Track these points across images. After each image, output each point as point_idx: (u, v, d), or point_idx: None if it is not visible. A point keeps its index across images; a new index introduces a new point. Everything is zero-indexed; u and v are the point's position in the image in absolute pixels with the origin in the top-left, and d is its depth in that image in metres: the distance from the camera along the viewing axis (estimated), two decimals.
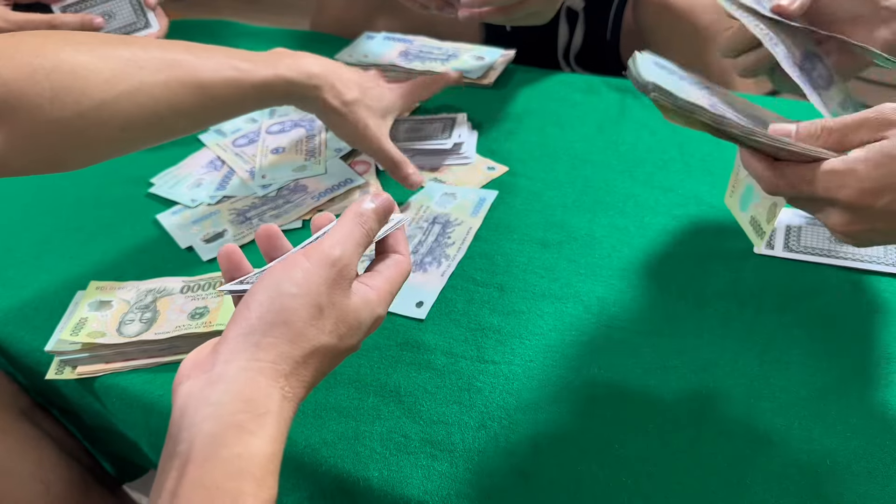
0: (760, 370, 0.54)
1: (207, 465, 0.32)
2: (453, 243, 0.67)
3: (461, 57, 0.93)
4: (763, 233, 0.50)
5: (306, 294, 0.36)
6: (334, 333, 0.38)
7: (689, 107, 0.42)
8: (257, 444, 0.33)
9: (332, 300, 0.37)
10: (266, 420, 0.34)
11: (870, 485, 0.46)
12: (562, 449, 0.50)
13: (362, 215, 0.41)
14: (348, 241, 0.39)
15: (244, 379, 0.34)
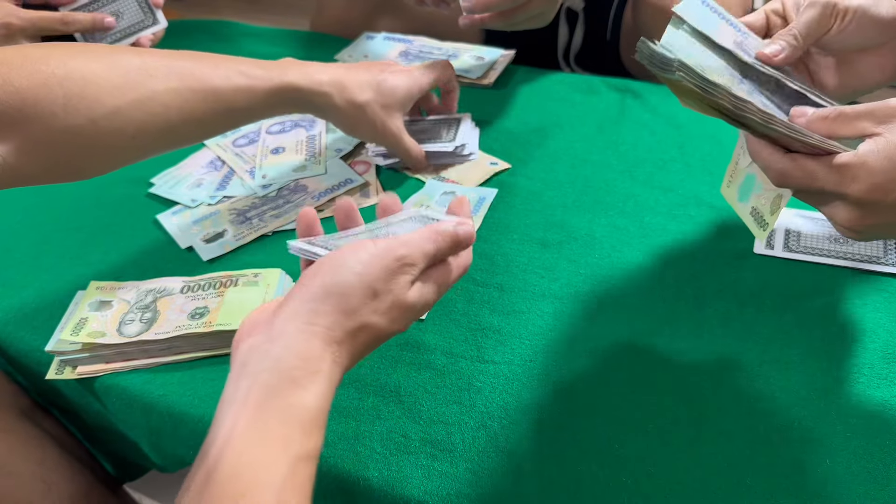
0: (760, 370, 0.54)
1: (263, 410, 0.35)
2: None
3: (461, 57, 0.93)
4: (766, 224, 0.50)
5: (366, 275, 0.40)
6: (386, 316, 0.41)
7: (711, 88, 0.41)
8: (308, 397, 0.36)
9: (389, 287, 0.41)
10: (317, 378, 0.37)
11: (870, 485, 0.46)
12: (562, 449, 0.50)
13: (441, 234, 0.44)
14: (417, 249, 0.43)
15: (301, 339, 0.38)
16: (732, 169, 0.55)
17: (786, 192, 0.47)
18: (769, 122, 0.42)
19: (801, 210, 0.66)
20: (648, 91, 0.85)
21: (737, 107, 0.42)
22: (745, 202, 0.53)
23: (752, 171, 0.52)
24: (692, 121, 0.79)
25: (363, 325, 0.40)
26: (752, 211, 0.52)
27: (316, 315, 0.39)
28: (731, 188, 0.55)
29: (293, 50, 1.01)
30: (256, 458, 0.34)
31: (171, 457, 0.61)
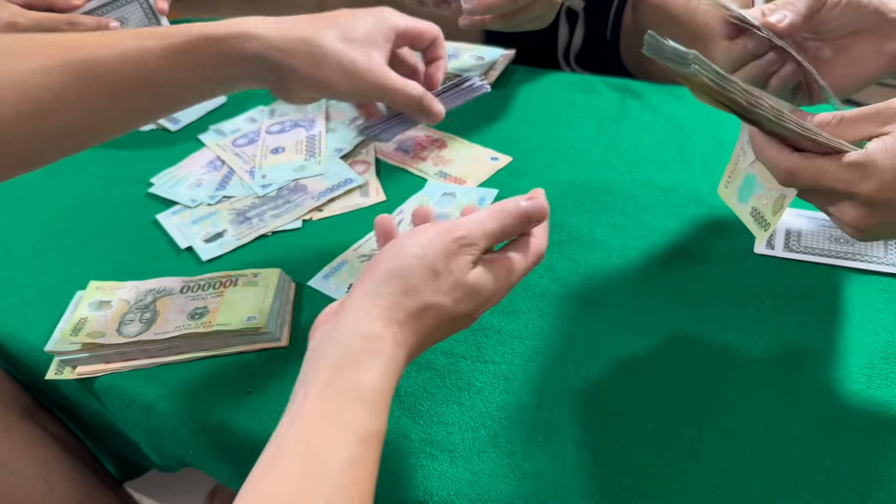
0: (760, 370, 0.54)
1: (328, 389, 0.37)
2: None
3: (461, 57, 0.93)
4: (768, 224, 0.50)
5: (425, 257, 0.41)
6: (449, 296, 0.41)
7: (726, 82, 0.41)
8: (371, 377, 0.37)
9: (450, 268, 0.41)
10: (379, 358, 0.38)
11: (870, 485, 0.46)
12: (561, 449, 0.50)
13: (503, 211, 0.44)
14: (478, 227, 0.43)
15: (364, 321, 0.39)
16: (731, 169, 0.55)
17: (789, 193, 0.47)
18: (780, 118, 0.42)
19: (801, 210, 0.66)
20: (648, 91, 0.85)
21: (749, 102, 0.42)
22: (744, 202, 0.53)
23: (753, 171, 0.52)
24: (692, 121, 0.79)
25: (426, 305, 0.40)
26: (753, 211, 0.52)
27: (378, 297, 0.40)
28: (730, 189, 0.55)
29: None
30: (323, 439, 0.35)
31: (171, 457, 0.61)
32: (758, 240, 0.53)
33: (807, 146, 0.44)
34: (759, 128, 0.45)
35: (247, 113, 0.88)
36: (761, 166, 0.49)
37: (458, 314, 0.42)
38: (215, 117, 0.88)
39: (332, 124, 0.84)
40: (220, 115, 0.89)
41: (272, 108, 0.88)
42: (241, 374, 0.57)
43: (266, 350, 0.59)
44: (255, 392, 0.56)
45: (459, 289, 0.41)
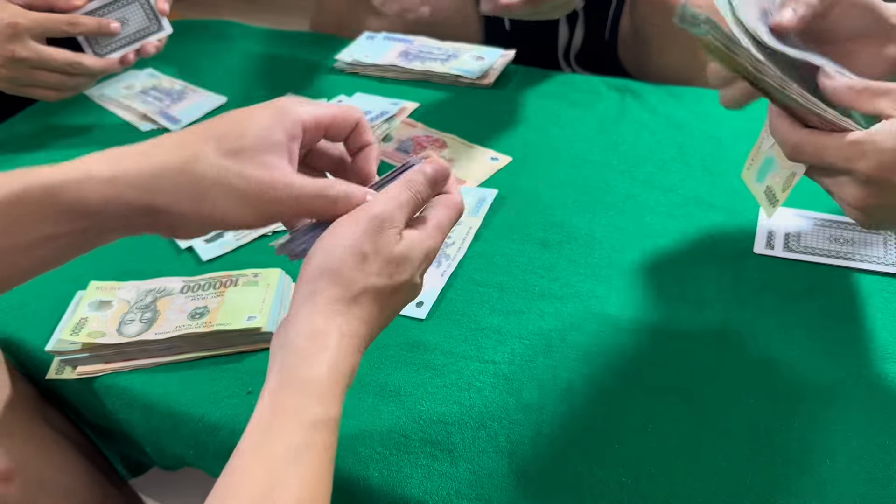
0: (760, 370, 0.54)
1: (278, 391, 0.38)
2: (453, 243, 0.67)
3: (461, 57, 0.93)
4: (777, 201, 0.51)
5: (350, 245, 0.41)
6: (383, 274, 0.41)
7: (734, 48, 0.42)
8: (318, 368, 0.39)
9: (376, 247, 0.41)
10: (326, 352, 0.39)
11: (869, 485, 0.46)
12: (562, 449, 0.50)
13: (411, 181, 0.44)
14: (391, 200, 0.43)
15: (306, 322, 0.40)
16: (755, 153, 0.56)
17: (799, 170, 0.48)
18: (785, 87, 0.43)
19: (801, 210, 0.66)
20: (648, 91, 0.85)
21: (756, 69, 0.43)
22: (761, 182, 0.54)
23: (772, 153, 0.53)
24: (692, 121, 0.80)
25: (362, 290, 0.41)
26: (767, 190, 0.53)
27: (314, 295, 0.40)
28: (751, 171, 0.56)
29: (293, 50, 1.01)
30: (272, 432, 0.37)
31: (171, 457, 0.61)
32: (767, 215, 0.53)
33: (814, 122, 0.45)
34: (770, 98, 0.46)
35: None
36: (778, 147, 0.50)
37: (398, 287, 0.42)
38: None
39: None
40: None
41: None
42: (242, 373, 0.57)
43: (266, 350, 0.59)
44: (256, 392, 0.56)
45: (391, 263, 0.42)
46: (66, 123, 0.90)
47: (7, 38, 0.72)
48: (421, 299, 0.62)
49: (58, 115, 0.91)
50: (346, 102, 0.88)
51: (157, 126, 0.88)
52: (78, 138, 0.87)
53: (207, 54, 1.02)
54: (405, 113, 0.86)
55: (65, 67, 0.76)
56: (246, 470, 0.37)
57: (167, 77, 0.97)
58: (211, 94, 0.93)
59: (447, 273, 0.64)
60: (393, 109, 0.86)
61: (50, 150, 0.85)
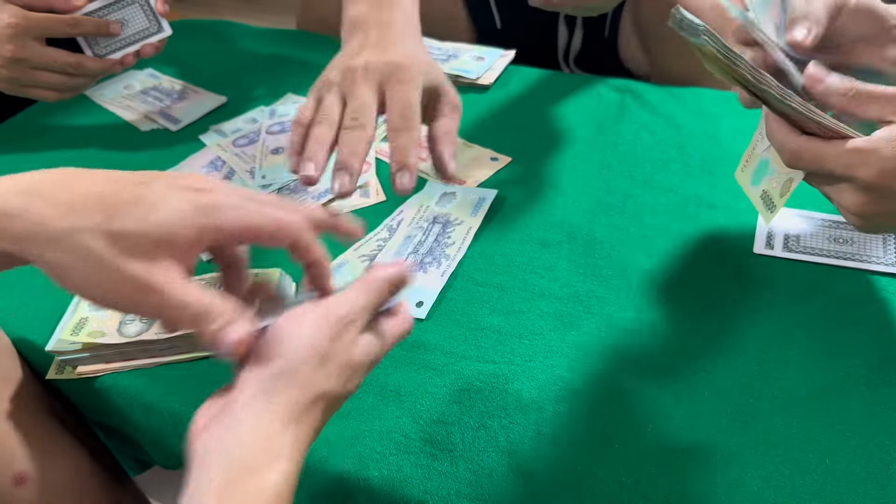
0: (760, 370, 0.54)
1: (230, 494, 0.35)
2: (453, 243, 0.67)
3: (461, 57, 0.93)
4: (774, 207, 0.51)
5: (311, 345, 0.39)
6: (340, 379, 0.40)
7: (734, 56, 0.42)
8: (273, 478, 0.36)
9: (335, 349, 0.40)
10: (281, 461, 0.37)
11: (869, 485, 0.46)
12: (562, 449, 0.50)
13: (372, 282, 0.43)
14: (353, 302, 0.41)
15: (260, 424, 0.37)
16: (749, 154, 0.56)
17: (797, 176, 0.48)
18: (786, 97, 0.43)
19: (801, 210, 0.66)
20: (648, 91, 0.85)
21: (756, 77, 0.43)
22: (756, 185, 0.54)
23: (768, 155, 0.53)
24: (692, 121, 0.80)
25: (320, 394, 0.39)
26: (763, 194, 0.53)
27: (273, 395, 0.38)
28: (745, 172, 0.56)
29: (291, 50, 1.02)
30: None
31: (172, 456, 0.61)
32: (764, 221, 0.53)
33: (813, 129, 0.45)
34: (768, 106, 0.46)
35: (247, 113, 0.88)
36: (774, 150, 0.50)
37: (346, 393, 0.41)
38: (216, 117, 0.88)
39: None
40: (221, 116, 0.89)
41: (272, 109, 0.88)
42: None
43: None
44: None
45: (347, 368, 0.40)
46: (66, 123, 0.90)
47: (7, 38, 0.72)
48: (421, 299, 0.62)
49: (58, 115, 0.91)
50: None
51: (157, 126, 0.88)
52: (78, 138, 0.87)
53: (207, 54, 1.02)
54: None
55: (65, 68, 0.76)
56: None
57: (167, 77, 0.97)
58: (211, 94, 0.93)
59: (447, 273, 0.64)
60: None
61: (50, 151, 0.85)
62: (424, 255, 0.66)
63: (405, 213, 0.71)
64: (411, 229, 0.69)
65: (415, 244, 0.67)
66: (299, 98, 0.90)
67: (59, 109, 0.92)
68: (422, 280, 0.63)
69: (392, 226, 0.69)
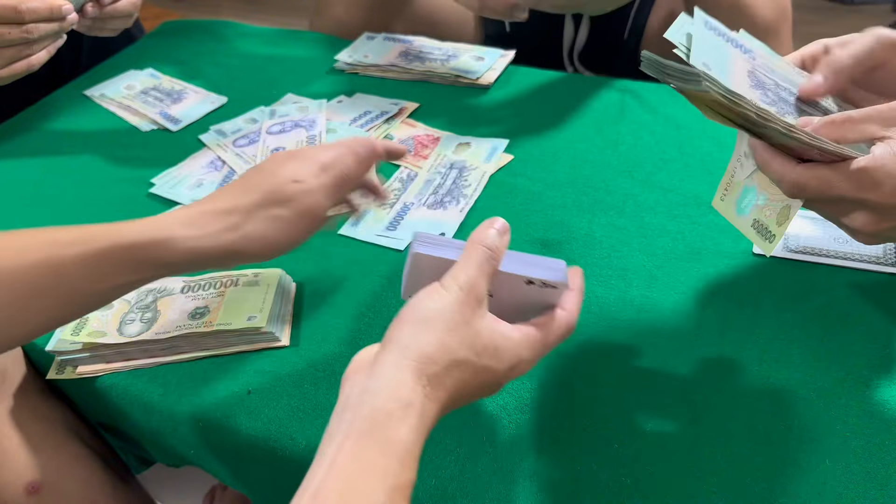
0: (760, 370, 0.54)
1: (362, 441, 0.38)
2: (469, 185, 0.74)
3: (461, 57, 0.93)
4: (773, 236, 0.49)
5: (441, 311, 0.42)
6: (471, 349, 0.42)
7: (738, 97, 0.41)
8: (403, 430, 0.38)
9: (465, 318, 0.42)
10: (410, 412, 0.39)
11: (868, 485, 0.46)
12: (562, 448, 0.50)
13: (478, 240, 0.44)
14: (470, 264, 0.43)
15: (395, 374, 0.40)
16: (727, 182, 0.54)
17: (795, 203, 0.47)
18: (791, 130, 0.42)
19: (800, 210, 0.65)
20: (648, 91, 0.85)
21: (760, 115, 0.42)
22: (744, 215, 0.52)
23: (752, 183, 0.51)
24: (692, 121, 0.80)
25: (452, 360, 0.41)
26: (755, 224, 0.51)
27: (407, 349, 0.40)
28: (727, 202, 0.54)
29: (293, 50, 1.02)
30: (357, 486, 0.36)
31: (172, 456, 0.62)
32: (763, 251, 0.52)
33: (814, 156, 0.44)
34: (768, 141, 0.45)
35: (247, 113, 0.88)
36: (761, 177, 0.49)
37: (482, 368, 0.42)
38: (216, 118, 0.88)
39: (332, 125, 0.84)
40: (221, 116, 0.89)
41: (273, 109, 0.88)
42: (242, 373, 0.57)
43: (266, 350, 0.59)
44: (256, 392, 0.56)
45: (478, 340, 0.42)
46: (66, 123, 0.90)
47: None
48: (443, 231, 0.67)
49: (58, 115, 0.91)
50: (346, 102, 0.88)
51: (157, 126, 0.88)
52: (78, 138, 0.87)
53: (208, 55, 1.02)
54: (405, 113, 0.86)
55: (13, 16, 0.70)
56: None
57: (168, 77, 0.97)
58: (211, 95, 0.93)
59: (465, 209, 0.71)
60: (393, 109, 0.86)
61: (50, 151, 0.85)
62: (444, 195, 0.73)
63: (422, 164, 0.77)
64: (430, 174, 0.76)
65: (434, 187, 0.74)
66: (299, 98, 0.90)
67: (59, 109, 0.92)
68: (443, 215, 0.70)
69: (402, 178, 0.76)
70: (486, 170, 0.75)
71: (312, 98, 0.90)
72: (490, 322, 0.43)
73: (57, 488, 0.60)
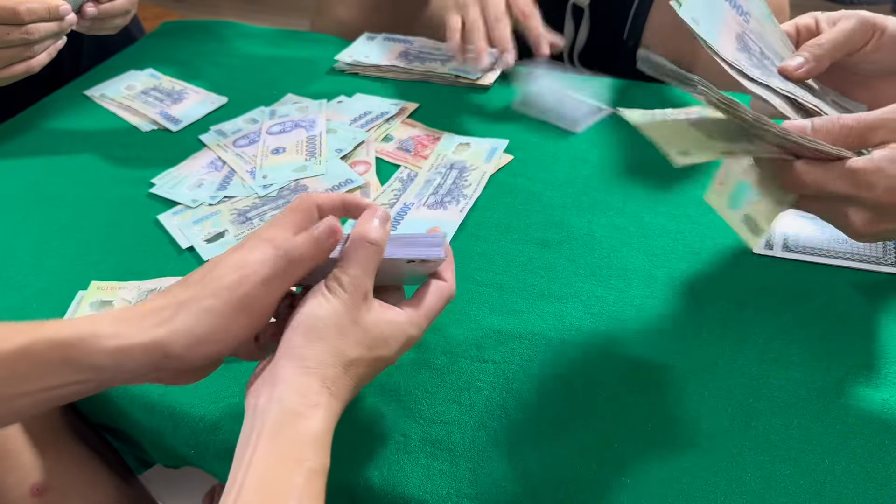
0: (760, 370, 0.54)
1: (274, 438, 0.40)
2: (469, 185, 0.73)
3: None
4: (761, 231, 0.50)
5: (328, 317, 0.44)
6: (362, 346, 0.44)
7: (733, 104, 0.42)
8: (312, 424, 0.41)
9: (353, 319, 0.44)
10: (318, 410, 0.41)
11: (868, 484, 0.46)
12: (562, 448, 0.50)
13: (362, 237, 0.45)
14: (355, 264, 0.45)
15: (297, 380, 0.42)
16: (722, 176, 0.55)
17: (786, 200, 0.47)
18: (786, 135, 0.43)
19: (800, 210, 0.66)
20: (648, 91, 0.85)
21: (756, 119, 0.43)
22: (736, 209, 0.53)
23: (746, 178, 0.52)
24: None
25: (349, 360, 0.44)
26: (746, 218, 0.52)
27: (304, 359, 0.43)
28: (721, 196, 0.54)
29: (293, 50, 1.02)
30: (275, 474, 0.39)
31: (172, 456, 0.61)
32: (751, 246, 0.53)
33: (807, 154, 0.44)
34: (762, 140, 0.45)
35: (248, 113, 0.88)
36: (755, 172, 0.49)
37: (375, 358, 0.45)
38: (216, 118, 0.88)
39: (332, 125, 0.84)
40: (221, 116, 0.89)
41: (273, 109, 0.88)
42: (242, 373, 0.57)
43: None
44: None
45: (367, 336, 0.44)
46: (66, 124, 0.90)
47: None
48: (444, 231, 0.67)
49: (58, 115, 0.91)
50: (346, 102, 0.89)
51: (157, 126, 0.88)
52: (78, 138, 0.87)
53: (208, 55, 1.02)
54: (405, 113, 0.86)
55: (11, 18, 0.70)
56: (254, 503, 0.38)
57: (168, 77, 0.97)
58: (211, 95, 0.93)
59: (465, 209, 0.70)
60: (393, 109, 0.86)
61: (50, 151, 0.85)
62: (444, 196, 0.73)
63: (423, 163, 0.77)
64: (430, 174, 0.75)
65: (434, 187, 0.74)
66: (300, 98, 0.90)
67: (60, 110, 0.92)
68: (443, 215, 0.69)
69: (402, 178, 0.76)
70: (486, 170, 0.75)
71: (312, 98, 0.90)
72: (376, 314, 0.45)
73: (62, 490, 0.60)
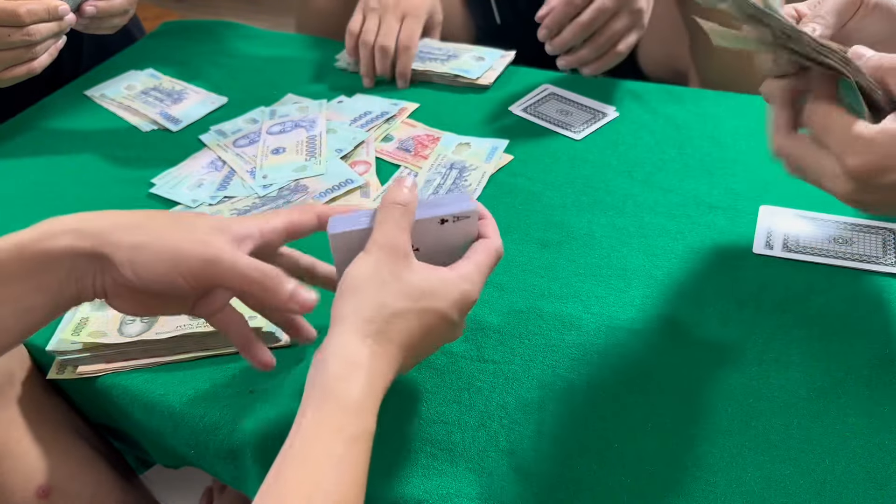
0: (760, 370, 0.54)
1: (321, 406, 0.42)
2: (469, 185, 0.74)
3: (461, 57, 0.93)
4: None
5: (365, 272, 0.45)
6: (408, 298, 0.45)
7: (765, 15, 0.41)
8: (353, 390, 0.42)
9: (393, 274, 0.45)
10: (358, 370, 0.43)
11: (868, 484, 0.46)
12: (562, 448, 0.50)
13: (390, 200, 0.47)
14: (386, 224, 0.46)
15: (339, 340, 0.43)
16: None
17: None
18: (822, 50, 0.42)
19: (800, 210, 0.66)
20: (648, 91, 0.85)
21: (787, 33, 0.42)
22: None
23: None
24: (692, 121, 0.80)
25: (392, 313, 0.44)
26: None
27: (347, 318, 0.44)
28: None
29: (293, 50, 1.02)
30: (316, 444, 0.41)
31: (172, 456, 0.62)
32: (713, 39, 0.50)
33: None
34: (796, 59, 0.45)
35: (248, 113, 0.88)
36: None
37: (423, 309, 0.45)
38: (216, 118, 0.88)
39: (332, 125, 0.84)
40: (221, 116, 0.89)
41: (273, 109, 0.88)
42: (243, 373, 0.57)
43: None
44: (257, 392, 0.56)
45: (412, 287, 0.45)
46: (66, 124, 0.90)
47: None
48: None
49: (58, 115, 0.91)
50: (346, 102, 0.89)
51: (157, 126, 0.88)
52: (78, 138, 0.87)
53: (208, 55, 1.02)
54: (405, 113, 0.86)
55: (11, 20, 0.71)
56: (291, 475, 0.40)
57: (167, 77, 0.97)
58: (211, 95, 0.93)
59: None
60: (393, 109, 0.86)
61: (50, 151, 0.85)
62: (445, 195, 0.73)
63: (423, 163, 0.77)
64: (431, 174, 0.75)
65: (434, 187, 0.74)
66: (300, 98, 0.90)
67: (60, 110, 0.92)
68: None
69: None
70: (486, 170, 0.75)
71: (312, 98, 0.90)
72: (422, 270, 0.46)
73: (67, 491, 0.60)
